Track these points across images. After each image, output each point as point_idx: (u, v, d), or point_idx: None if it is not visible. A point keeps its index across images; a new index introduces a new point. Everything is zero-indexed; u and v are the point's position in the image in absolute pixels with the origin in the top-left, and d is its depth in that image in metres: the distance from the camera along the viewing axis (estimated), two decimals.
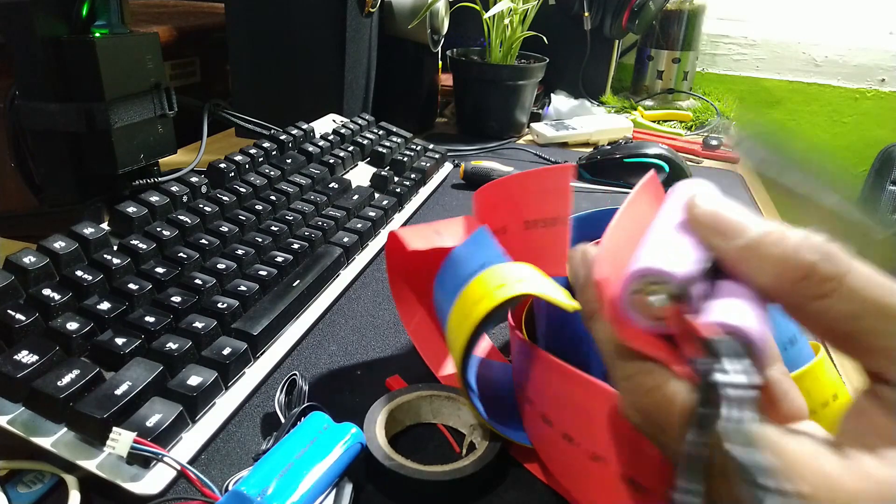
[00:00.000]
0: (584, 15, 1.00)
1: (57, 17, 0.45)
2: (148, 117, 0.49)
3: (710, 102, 1.07)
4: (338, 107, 0.74)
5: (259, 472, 0.25)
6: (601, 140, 0.88)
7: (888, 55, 1.25)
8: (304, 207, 0.52)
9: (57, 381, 0.29)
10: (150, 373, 0.31)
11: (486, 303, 0.27)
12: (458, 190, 0.69)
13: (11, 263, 0.34)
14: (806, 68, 1.30)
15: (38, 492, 0.28)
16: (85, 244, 0.38)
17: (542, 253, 0.34)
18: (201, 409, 0.32)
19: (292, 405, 0.33)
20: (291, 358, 0.39)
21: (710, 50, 1.34)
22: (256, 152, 0.55)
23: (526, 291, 0.27)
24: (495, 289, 0.27)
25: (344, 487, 0.27)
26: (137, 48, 0.48)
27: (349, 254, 0.48)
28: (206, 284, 0.39)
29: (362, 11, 0.71)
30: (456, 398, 0.33)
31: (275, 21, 0.70)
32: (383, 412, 0.32)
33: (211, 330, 0.35)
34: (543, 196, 0.34)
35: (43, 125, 0.46)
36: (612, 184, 0.73)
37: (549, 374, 0.28)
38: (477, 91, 0.87)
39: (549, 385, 0.28)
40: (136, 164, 0.49)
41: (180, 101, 0.53)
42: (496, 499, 0.29)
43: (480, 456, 0.29)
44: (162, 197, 0.45)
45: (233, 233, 0.45)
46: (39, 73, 0.45)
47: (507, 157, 0.81)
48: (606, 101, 1.09)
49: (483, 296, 0.28)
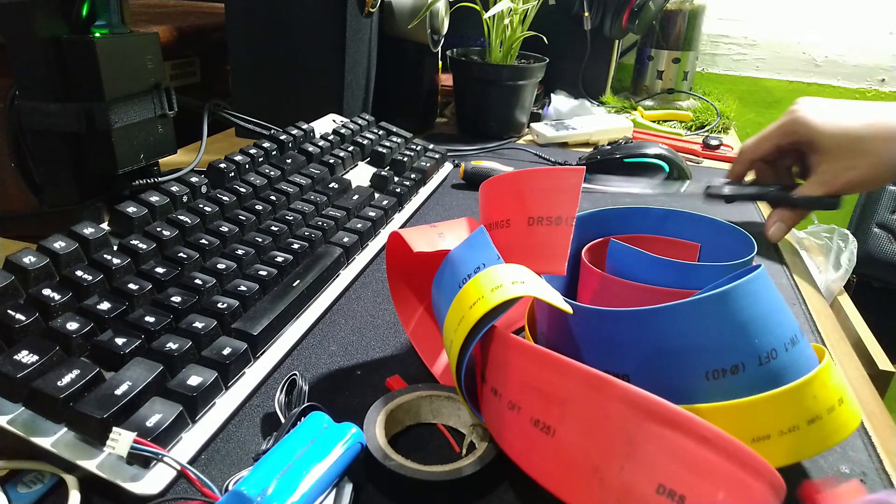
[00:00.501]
0: (584, 15, 1.00)
1: (57, 17, 0.45)
2: (148, 117, 0.49)
3: (710, 102, 1.07)
4: (338, 107, 0.74)
5: (259, 472, 0.25)
6: (601, 140, 0.88)
7: (888, 55, 1.25)
8: (304, 207, 0.52)
9: (57, 381, 0.29)
10: (150, 373, 0.31)
11: (482, 306, 0.27)
12: (458, 190, 0.69)
13: (11, 263, 0.34)
14: (806, 68, 1.30)
15: (38, 492, 0.28)
16: (85, 244, 0.38)
17: (543, 250, 0.34)
18: (201, 409, 0.32)
19: (292, 405, 0.33)
20: (291, 358, 0.39)
21: (710, 50, 1.34)
22: (256, 152, 0.55)
23: (521, 294, 0.27)
24: (491, 291, 0.28)
25: (344, 487, 0.27)
26: (137, 48, 0.48)
27: (349, 254, 0.49)
28: (206, 284, 0.39)
29: (362, 11, 0.71)
30: (456, 398, 0.33)
31: (275, 21, 0.70)
32: (383, 412, 0.32)
33: (211, 330, 0.35)
34: (552, 195, 0.34)
35: (43, 125, 0.46)
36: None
37: (490, 343, 0.29)
38: (477, 91, 0.87)
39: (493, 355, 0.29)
40: (136, 164, 0.49)
41: (180, 101, 0.53)
42: (496, 499, 0.29)
43: (480, 456, 0.29)
44: (162, 197, 0.45)
45: (233, 233, 0.45)
46: (39, 73, 0.45)
47: (507, 157, 0.81)
48: (606, 101, 1.09)
49: (478, 298, 0.28)
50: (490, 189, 0.36)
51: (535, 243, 0.34)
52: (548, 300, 0.27)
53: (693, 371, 0.27)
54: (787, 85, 1.32)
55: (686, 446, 0.23)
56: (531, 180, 0.35)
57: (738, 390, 0.27)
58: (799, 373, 0.27)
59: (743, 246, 0.39)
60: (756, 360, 0.27)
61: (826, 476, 0.31)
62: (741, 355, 0.27)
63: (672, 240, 0.42)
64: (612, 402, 0.24)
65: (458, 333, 0.28)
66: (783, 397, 0.26)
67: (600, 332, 0.29)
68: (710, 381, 0.27)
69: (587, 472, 0.24)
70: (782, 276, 0.54)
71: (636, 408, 0.23)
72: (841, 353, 0.46)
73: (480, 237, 0.32)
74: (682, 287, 0.34)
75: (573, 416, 0.25)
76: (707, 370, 0.27)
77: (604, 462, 0.24)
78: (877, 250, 1.29)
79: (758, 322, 0.27)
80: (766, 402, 0.26)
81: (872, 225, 1.30)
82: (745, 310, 0.27)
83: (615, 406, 0.24)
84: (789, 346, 0.28)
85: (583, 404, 0.25)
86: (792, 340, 0.28)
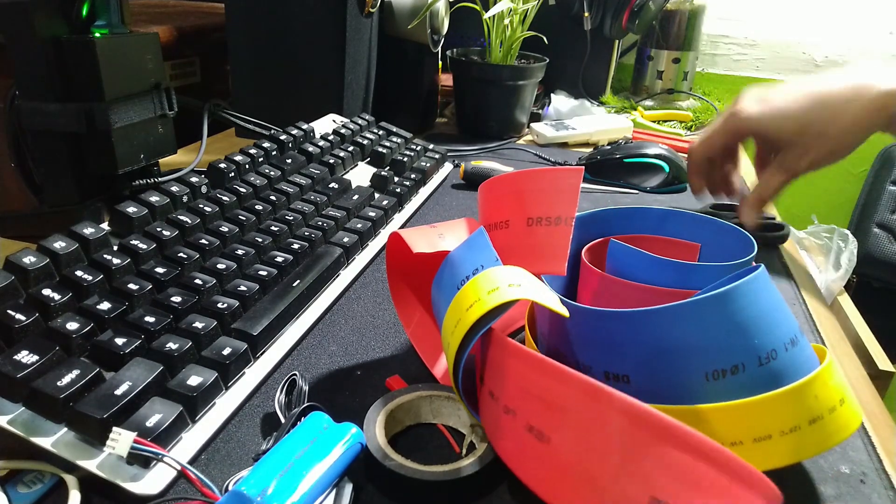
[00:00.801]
0: (584, 15, 1.00)
1: (57, 17, 0.45)
2: (148, 117, 0.49)
3: (710, 102, 1.07)
4: (338, 107, 0.74)
5: (259, 472, 0.25)
6: (601, 140, 0.88)
7: (888, 55, 1.25)
8: (304, 207, 0.52)
9: (57, 381, 0.29)
10: (150, 373, 0.31)
11: (478, 308, 0.27)
12: (458, 190, 0.69)
13: (11, 263, 0.34)
14: (806, 68, 1.30)
15: (38, 492, 0.28)
16: (85, 244, 0.38)
17: (542, 250, 0.34)
18: (201, 410, 0.32)
19: (292, 405, 0.33)
20: (291, 358, 0.39)
21: (710, 50, 1.34)
22: (256, 152, 0.55)
23: (518, 297, 0.27)
24: (488, 293, 0.28)
25: (344, 487, 0.27)
26: (137, 48, 0.48)
27: (349, 254, 0.48)
28: (206, 284, 0.39)
29: (362, 11, 0.71)
30: (456, 398, 0.33)
31: (275, 21, 0.70)
32: (383, 412, 0.32)
33: (211, 330, 0.35)
34: (551, 195, 0.34)
35: (43, 125, 0.46)
36: (612, 184, 0.73)
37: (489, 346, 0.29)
38: (477, 91, 0.87)
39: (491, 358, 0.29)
40: (136, 164, 0.49)
41: (180, 101, 0.53)
42: (496, 499, 0.29)
43: (480, 456, 0.29)
44: (162, 197, 0.45)
45: (233, 233, 0.45)
46: (39, 73, 0.45)
47: (507, 157, 0.81)
48: (606, 101, 1.09)
49: (475, 300, 0.28)
50: (489, 190, 0.36)
51: (535, 244, 0.34)
52: (544, 303, 0.27)
53: (693, 371, 0.27)
54: None
55: (680, 459, 0.22)
56: (530, 181, 0.35)
57: (738, 391, 0.27)
58: (799, 373, 0.27)
59: (743, 246, 0.39)
60: (756, 360, 0.27)
61: (826, 476, 0.31)
62: (741, 356, 0.27)
63: (672, 240, 0.42)
64: (609, 412, 0.24)
65: (455, 336, 0.28)
66: (784, 397, 0.26)
67: (600, 333, 0.29)
68: (710, 382, 0.27)
69: (580, 481, 0.24)
70: (782, 276, 0.54)
71: (633, 419, 0.23)
72: (841, 353, 0.46)
73: (480, 238, 0.32)
74: (682, 287, 0.34)
75: (570, 424, 0.25)
76: (707, 371, 0.27)
77: (598, 471, 0.24)
78: (877, 250, 1.29)
79: (757, 322, 0.27)
80: (767, 403, 0.26)
81: (872, 225, 1.30)
82: (745, 310, 0.27)
83: (612, 416, 0.24)
84: (789, 346, 0.28)
85: (580, 413, 0.25)
86: (792, 341, 0.28)
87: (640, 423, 0.23)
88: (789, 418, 0.26)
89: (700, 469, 0.22)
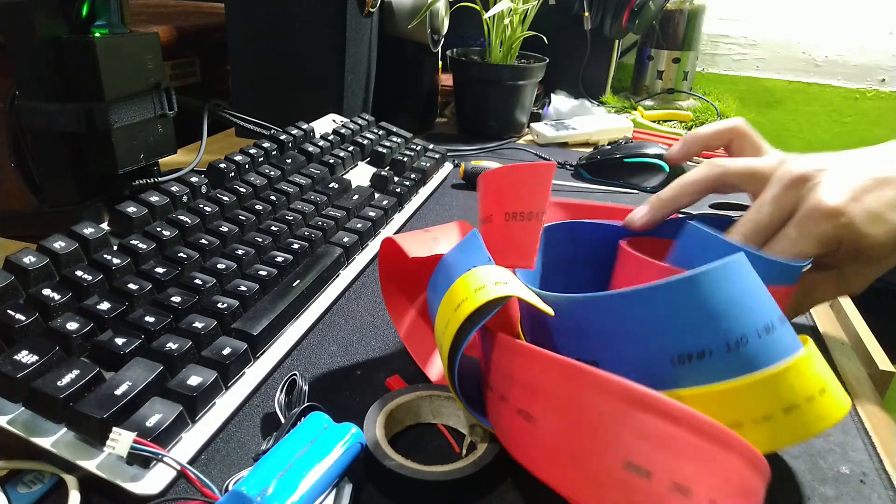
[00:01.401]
0: (584, 15, 1.00)
1: (57, 17, 0.45)
2: (148, 117, 0.49)
3: (710, 102, 1.07)
4: (338, 107, 0.74)
5: (259, 472, 0.25)
6: (601, 140, 0.88)
7: (888, 55, 1.24)
8: (304, 207, 0.52)
9: (57, 381, 0.29)
10: (150, 373, 0.31)
11: (467, 306, 0.28)
12: (458, 190, 0.69)
13: (11, 263, 0.34)
14: (806, 68, 1.30)
15: (38, 492, 0.28)
16: (85, 244, 0.38)
17: (515, 245, 0.35)
18: (201, 410, 0.32)
19: (292, 405, 0.33)
20: (291, 358, 0.39)
21: (710, 50, 1.34)
22: (256, 152, 0.55)
23: (504, 294, 0.27)
24: (475, 292, 0.28)
25: (344, 487, 0.27)
26: (137, 48, 0.48)
27: (349, 254, 0.49)
28: (206, 284, 0.39)
29: (362, 11, 0.71)
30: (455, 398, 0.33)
31: (275, 21, 0.70)
32: (383, 412, 0.32)
33: (211, 330, 0.35)
34: (525, 190, 0.35)
35: (43, 125, 0.46)
36: (612, 184, 0.73)
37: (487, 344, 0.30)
38: (477, 91, 0.87)
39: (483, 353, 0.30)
40: (136, 164, 0.49)
41: (180, 101, 0.53)
42: (496, 499, 0.29)
43: (480, 456, 0.29)
44: (162, 197, 0.45)
45: (233, 233, 0.45)
46: (39, 73, 0.45)
47: (507, 157, 0.81)
48: (606, 101, 1.09)
49: (464, 298, 0.28)
50: (479, 186, 0.38)
51: (510, 239, 0.35)
52: (528, 300, 0.28)
53: (658, 356, 0.27)
54: (788, 85, 1.32)
55: (653, 424, 0.23)
56: (507, 177, 0.35)
57: (707, 376, 0.26)
58: (774, 361, 0.27)
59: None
60: (724, 346, 0.26)
61: (826, 476, 0.31)
62: (707, 340, 0.26)
63: None
64: (582, 387, 0.25)
65: (447, 335, 0.29)
66: (755, 385, 0.26)
67: (569, 321, 0.29)
68: (677, 366, 0.27)
69: (563, 456, 0.25)
70: None
71: (603, 390, 0.24)
72: (841, 353, 0.46)
73: (473, 240, 0.32)
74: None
75: (549, 403, 0.26)
76: (672, 355, 0.27)
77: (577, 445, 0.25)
78: None
79: (726, 308, 0.27)
80: (736, 390, 0.26)
81: None
82: (713, 295, 0.26)
83: (585, 391, 0.25)
84: (763, 333, 0.27)
85: (556, 390, 0.26)
86: (767, 328, 0.27)
87: (611, 393, 0.24)
88: (760, 406, 0.26)
89: (672, 432, 0.23)
